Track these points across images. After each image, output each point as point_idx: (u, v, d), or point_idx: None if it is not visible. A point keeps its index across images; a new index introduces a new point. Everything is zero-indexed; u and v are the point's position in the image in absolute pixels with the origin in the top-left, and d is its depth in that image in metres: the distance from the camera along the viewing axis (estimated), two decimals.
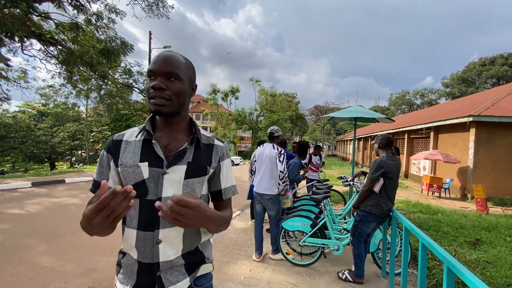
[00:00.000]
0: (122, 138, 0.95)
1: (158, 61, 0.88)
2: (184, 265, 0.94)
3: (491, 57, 42.31)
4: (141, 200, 0.89)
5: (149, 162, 0.89)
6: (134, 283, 0.90)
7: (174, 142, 0.94)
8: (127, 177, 0.89)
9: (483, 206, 7.23)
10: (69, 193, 7.48)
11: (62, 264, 3.26)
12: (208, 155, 0.98)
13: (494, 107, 9.65)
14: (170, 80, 0.88)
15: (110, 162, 0.93)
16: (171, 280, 0.91)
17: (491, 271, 2.93)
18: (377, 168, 2.79)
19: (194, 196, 0.75)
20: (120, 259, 0.96)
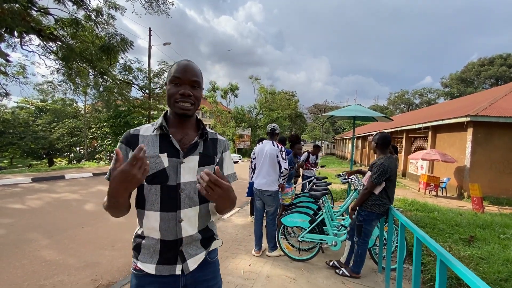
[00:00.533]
0: (138, 133, 1.07)
1: (184, 70, 1.03)
2: (200, 240, 1.10)
3: (490, 58, 42.44)
4: (163, 186, 1.02)
5: (168, 153, 1.03)
6: (157, 260, 1.03)
7: (186, 137, 1.09)
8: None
9: (479, 205, 7.33)
10: (69, 189, 7.52)
11: (64, 258, 3.32)
12: (214, 147, 1.14)
13: (491, 107, 9.74)
14: (194, 88, 1.05)
15: (128, 154, 1.03)
16: (191, 253, 1.07)
17: (484, 266, 3.01)
18: (382, 173, 2.77)
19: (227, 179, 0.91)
20: (139, 243, 1.06)
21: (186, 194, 1.04)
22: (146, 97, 19.15)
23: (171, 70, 1.06)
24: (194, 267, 1.07)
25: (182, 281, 1.05)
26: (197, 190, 1.05)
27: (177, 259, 1.04)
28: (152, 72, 18.80)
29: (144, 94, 19.34)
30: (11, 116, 23.30)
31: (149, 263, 1.03)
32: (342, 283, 2.95)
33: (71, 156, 27.73)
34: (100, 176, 10.44)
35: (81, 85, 16.07)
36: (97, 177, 10.26)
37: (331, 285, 2.90)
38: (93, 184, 8.51)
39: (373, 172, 2.83)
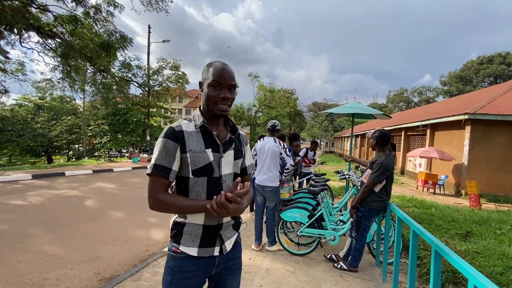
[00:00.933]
0: (182, 128, 1.13)
1: (223, 75, 1.11)
2: (233, 224, 1.25)
3: (489, 56, 42.49)
4: (209, 178, 1.14)
5: (212, 148, 1.14)
6: (199, 243, 1.15)
7: (221, 133, 1.21)
8: (196, 161, 1.11)
9: (476, 202, 7.41)
10: (69, 185, 7.55)
11: (67, 252, 3.37)
12: (240, 142, 1.29)
13: (489, 105, 9.80)
14: (231, 91, 1.15)
15: (176, 149, 1.10)
16: (227, 236, 1.21)
17: (480, 260, 3.08)
18: (383, 171, 2.80)
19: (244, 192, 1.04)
20: (180, 229, 1.16)
21: (226, 184, 1.17)
22: (145, 94, 19.13)
23: (209, 73, 1.12)
24: (230, 248, 1.22)
25: (217, 260, 1.18)
26: (231, 180, 1.20)
27: (216, 241, 1.17)
28: (151, 70, 18.77)
29: (143, 92, 19.31)
30: (10, 113, 23.23)
31: (191, 247, 1.13)
32: (340, 276, 3.01)
33: (70, 154, 27.69)
34: (100, 173, 10.47)
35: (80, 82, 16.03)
36: (97, 174, 10.29)
37: (329, 278, 2.96)
38: (93, 181, 8.54)
39: (374, 170, 2.85)
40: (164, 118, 27.14)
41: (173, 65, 19.02)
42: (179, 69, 19.26)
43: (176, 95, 21.51)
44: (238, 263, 1.30)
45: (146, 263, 3.10)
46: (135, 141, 21.09)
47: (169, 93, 19.93)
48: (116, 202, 6.03)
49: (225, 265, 1.22)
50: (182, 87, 19.94)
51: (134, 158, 15.42)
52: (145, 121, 20.49)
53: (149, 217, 5.01)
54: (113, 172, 11.20)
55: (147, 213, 5.26)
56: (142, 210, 5.49)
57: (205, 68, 1.17)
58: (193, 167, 1.11)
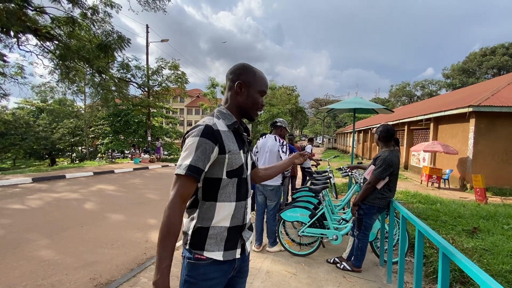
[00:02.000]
0: (217, 128, 1.07)
1: (267, 85, 1.22)
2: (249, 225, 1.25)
3: (492, 47, 41.87)
4: (239, 179, 1.13)
5: (242, 149, 1.15)
6: (223, 246, 1.10)
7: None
8: (233, 162, 1.09)
9: (482, 196, 7.26)
10: (69, 188, 7.51)
11: (63, 257, 3.30)
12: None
13: (494, 97, 9.59)
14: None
15: (214, 149, 1.03)
16: (247, 236, 1.20)
17: (488, 258, 2.96)
18: (386, 167, 2.69)
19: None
20: (204, 234, 1.08)
21: (248, 184, 1.21)
22: (145, 94, 19.07)
23: (256, 80, 1.16)
24: (250, 248, 1.24)
25: (237, 263, 1.16)
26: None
27: (238, 243, 1.14)
28: (151, 70, 18.70)
29: (143, 92, 19.25)
30: (12, 117, 23.33)
31: (216, 251, 1.08)
32: (343, 277, 2.91)
33: (73, 156, 27.81)
34: (101, 175, 10.43)
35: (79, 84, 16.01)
36: (97, 176, 10.26)
37: (332, 279, 2.86)
38: (93, 183, 8.50)
39: (377, 166, 2.74)
40: (166, 118, 27.12)
41: (172, 65, 18.93)
42: (178, 68, 19.16)
43: (176, 94, 21.43)
44: (247, 265, 1.29)
45: (143, 267, 3.03)
46: (137, 142, 21.08)
47: (169, 93, 19.85)
48: (116, 204, 5.97)
49: (240, 266, 1.20)
50: (182, 87, 19.85)
51: (136, 159, 15.40)
52: (146, 122, 20.46)
53: (148, 219, 4.94)
54: (113, 173, 11.17)
55: (147, 215, 5.19)
56: (141, 211, 5.42)
57: (248, 71, 1.16)
58: (229, 168, 1.08)
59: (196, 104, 50.56)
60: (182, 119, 52.84)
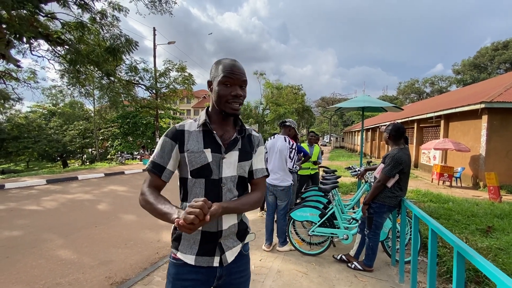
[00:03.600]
0: (184, 128, 1.11)
1: (235, 71, 1.05)
2: (236, 233, 1.14)
3: (504, 42, 40.72)
4: (207, 180, 1.08)
5: (211, 148, 1.08)
6: (196, 251, 1.08)
7: (227, 133, 1.14)
8: (193, 161, 1.07)
9: (496, 194, 7.09)
10: (82, 189, 7.69)
11: (79, 257, 3.39)
12: (250, 143, 1.20)
13: (507, 92, 9.35)
14: (242, 88, 1.09)
15: (174, 148, 1.09)
16: (228, 245, 1.12)
17: (503, 257, 2.91)
18: (395, 165, 2.68)
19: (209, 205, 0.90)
20: (179, 234, 1.11)
21: (227, 188, 1.09)
22: (153, 96, 19.33)
23: (218, 71, 1.07)
24: (231, 259, 1.12)
25: (218, 272, 1.10)
26: (236, 184, 1.12)
27: (216, 251, 1.09)
28: (158, 72, 18.94)
29: (151, 94, 19.51)
30: (25, 120, 23.98)
31: (189, 254, 1.08)
32: (354, 276, 2.90)
33: (84, 158, 28.40)
34: (112, 176, 10.64)
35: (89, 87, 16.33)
36: (108, 177, 10.47)
37: (343, 279, 2.86)
38: (105, 184, 8.68)
39: (386, 164, 2.74)
40: (173, 119, 27.44)
41: (179, 67, 19.13)
42: (185, 70, 19.36)
43: (183, 96, 21.66)
44: (245, 277, 1.19)
45: (156, 266, 3.09)
46: (145, 143, 21.38)
47: (176, 95, 20.07)
48: (127, 204, 6.09)
49: (229, 278, 1.13)
50: (189, 88, 20.05)
51: (145, 160, 15.64)
52: (154, 123, 20.73)
53: (159, 220, 5.03)
54: (124, 174, 11.37)
55: None
56: None
57: (213, 66, 1.11)
58: (191, 168, 1.07)
59: (203, 105, 50.95)
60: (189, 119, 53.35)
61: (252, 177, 1.21)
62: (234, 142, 1.12)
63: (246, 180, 1.19)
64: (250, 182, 1.22)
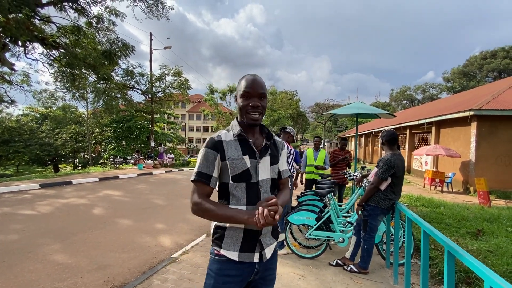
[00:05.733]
0: (221, 138, 1.21)
1: (253, 85, 1.19)
2: (271, 231, 1.28)
3: (492, 51, 42.10)
4: (247, 183, 1.19)
5: (249, 155, 1.20)
6: (239, 247, 1.18)
7: (257, 141, 1.27)
8: (235, 167, 1.18)
9: (485, 199, 7.30)
10: (77, 194, 7.61)
11: (76, 261, 3.38)
12: (276, 148, 1.33)
13: (495, 100, 9.69)
14: (261, 99, 1.21)
15: (216, 157, 1.19)
16: (267, 242, 1.23)
17: (492, 259, 3.02)
18: (387, 168, 2.82)
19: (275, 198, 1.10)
20: (221, 233, 1.21)
21: (264, 190, 1.22)
22: (149, 101, 19.30)
23: (241, 86, 1.21)
24: (269, 255, 1.24)
25: (256, 267, 1.20)
26: (270, 185, 1.26)
27: (256, 247, 1.19)
28: (154, 77, 18.96)
29: (147, 98, 19.48)
30: (16, 124, 23.58)
31: (232, 251, 1.17)
32: (350, 279, 2.98)
33: (76, 162, 27.98)
34: (106, 181, 10.54)
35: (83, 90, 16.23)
36: (103, 181, 10.37)
37: (340, 281, 2.93)
38: (100, 189, 8.61)
39: (379, 168, 2.88)
40: (168, 123, 27.35)
41: (175, 71, 19.21)
42: (181, 75, 19.45)
43: (178, 100, 21.69)
44: (273, 274, 1.31)
45: (155, 270, 3.10)
46: (140, 148, 21.23)
47: (171, 99, 20.08)
48: (123, 209, 6.06)
49: (263, 274, 1.24)
50: (185, 93, 20.10)
51: (140, 165, 15.51)
52: (149, 128, 20.64)
53: (156, 224, 5.03)
54: (119, 179, 11.28)
55: (154, 220, 5.28)
56: (149, 216, 5.51)
57: (238, 82, 1.25)
58: (232, 173, 1.17)
59: (197, 109, 50.85)
60: (184, 124, 53.12)
61: (280, 177, 1.35)
62: (266, 148, 1.25)
63: (276, 181, 1.32)
64: (279, 182, 1.36)
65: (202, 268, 3.15)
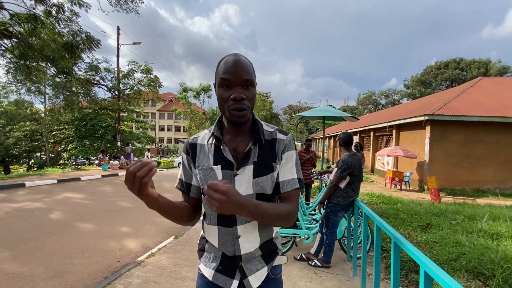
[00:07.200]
0: (196, 141, 1.00)
1: (232, 70, 0.86)
2: (262, 255, 0.99)
3: (445, 62, 46.40)
4: None
5: (222, 165, 0.94)
6: (217, 266, 0.98)
7: (241, 144, 0.96)
8: (203, 179, 0.96)
9: (436, 196, 8.05)
10: (31, 197, 7.00)
11: (30, 269, 3.14)
12: (271, 152, 0.96)
13: (446, 107, 10.72)
14: (247, 88, 0.88)
15: (190, 164, 1.00)
16: (252, 269, 0.97)
17: (437, 249, 3.38)
18: (345, 168, 3.08)
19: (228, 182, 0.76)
20: (203, 244, 1.04)
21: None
22: (115, 98, 18.32)
23: (219, 70, 0.89)
24: (257, 285, 0.97)
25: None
26: None
27: (234, 273, 0.96)
28: (122, 73, 18.06)
29: (113, 95, 18.48)
30: None
31: (208, 268, 0.99)
32: (314, 273, 3.13)
33: (31, 163, 25.60)
34: (66, 183, 9.82)
35: (40, 84, 14.95)
36: (62, 183, 9.64)
37: (304, 276, 3.07)
38: (58, 191, 8.00)
39: (338, 168, 3.09)
40: (137, 122, 26.18)
41: (144, 68, 18.47)
42: (151, 72, 18.74)
43: (148, 98, 20.87)
44: None
45: (118, 274, 2.99)
46: (105, 147, 20.05)
47: (141, 97, 19.28)
48: (85, 212, 5.71)
49: None
50: (155, 91, 19.41)
51: (104, 166, 14.66)
52: (115, 126, 19.59)
53: (121, 227, 4.82)
54: (80, 181, 10.57)
55: (119, 223, 5.05)
56: (113, 220, 5.26)
57: (217, 66, 0.92)
58: (202, 186, 0.96)
59: (169, 108, 49.32)
60: (154, 123, 51.16)
61: (278, 191, 0.97)
62: (247, 154, 0.93)
63: (269, 198, 0.96)
64: (279, 197, 0.99)
65: (169, 271, 3.10)
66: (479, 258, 3.00)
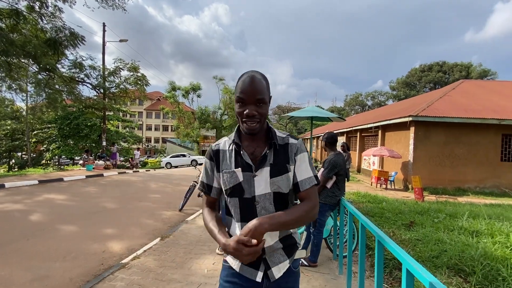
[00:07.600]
0: (219, 147, 1.16)
1: (248, 89, 1.01)
2: (283, 248, 1.11)
3: (429, 64, 47.91)
4: (240, 199, 1.09)
5: (242, 168, 1.08)
6: None
7: (258, 149, 1.11)
8: (227, 181, 1.10)
9: (420, 195, 8.29)
10: (10, 199, 6.71)
11: (9, 272, 3.01)
12: (285, 155, 1.10)
13: (429, 108, 11.07)
14: (259, 105, 1.03)
15: (213, 167, 1.15)
16: (274, 261, 1.09)
17: (420, 247, 3.47)
18: (331, 168, 3.12)
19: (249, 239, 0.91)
20: None
21: (262, 206, 1.06)
22: (100, 96, 17.84)
23: (237, 87, 1.04)
24: (279, 275, 1.08)
25: (264, 284, 1.09)
26: (272, 201, 1.07)
27: (260, 265, 1.08)
28: (107, 70, 17.60)
29: (98, 94, 17.99)
30: None
31: (235, 260, 1.11)
32: (301, 272, 3.15)
33: (12, 163, 24.55)
34: (48, 183, 9.48)
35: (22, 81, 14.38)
36: (43, 184, 9.30)
37: None
38: (40, 192, 7.71)
39: (324, 168, 3.12)
40: (123, 121, 25.59)
41: (131, 66, 18.07)
42: (138, 70, 18.36)
43: (135, 97, 20.44)
44: None
45: (101, 278, 2.91)
46: (90, 147, 19.49)
47: (127, 95, 18.86)
48: (67, 214, 5.53)
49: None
50: (142, 89, 19.03)
51: (89, 166, 14.25)
52: (100, 125, 19.08)
53: (105, 229, 4.70)
54: (63, 181, 10.23)
55: (103, 224, 4.92)
56: (97, 221, 5.12)
57: (237, 82, 1.08)
58: (225, 187, 1.11)
59: (156, 107, 48.49)
60: (141, 122, 50.17)
61: (298, 189, 1.11)
62: (264, 158, 1.07)
63: (285, 196, 1.09)
64: (299, 196, 1.13)
65: (154, 273, 3.05)
66: (460, 255, 3.10)
